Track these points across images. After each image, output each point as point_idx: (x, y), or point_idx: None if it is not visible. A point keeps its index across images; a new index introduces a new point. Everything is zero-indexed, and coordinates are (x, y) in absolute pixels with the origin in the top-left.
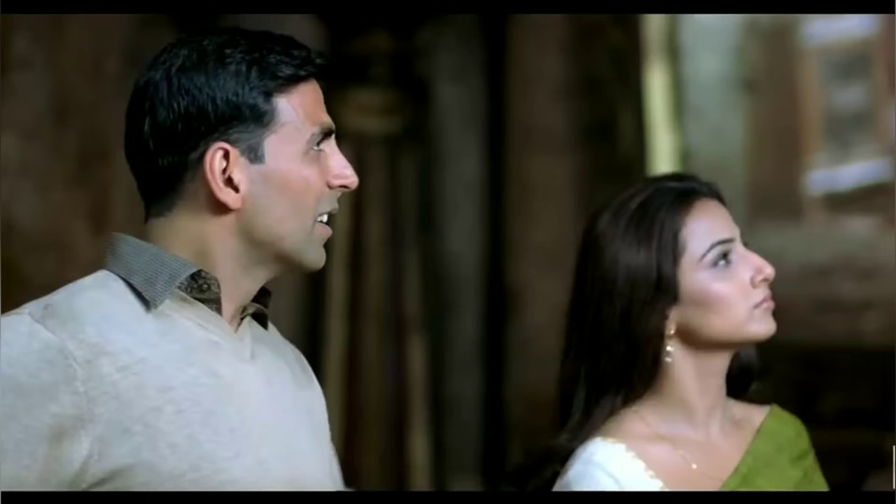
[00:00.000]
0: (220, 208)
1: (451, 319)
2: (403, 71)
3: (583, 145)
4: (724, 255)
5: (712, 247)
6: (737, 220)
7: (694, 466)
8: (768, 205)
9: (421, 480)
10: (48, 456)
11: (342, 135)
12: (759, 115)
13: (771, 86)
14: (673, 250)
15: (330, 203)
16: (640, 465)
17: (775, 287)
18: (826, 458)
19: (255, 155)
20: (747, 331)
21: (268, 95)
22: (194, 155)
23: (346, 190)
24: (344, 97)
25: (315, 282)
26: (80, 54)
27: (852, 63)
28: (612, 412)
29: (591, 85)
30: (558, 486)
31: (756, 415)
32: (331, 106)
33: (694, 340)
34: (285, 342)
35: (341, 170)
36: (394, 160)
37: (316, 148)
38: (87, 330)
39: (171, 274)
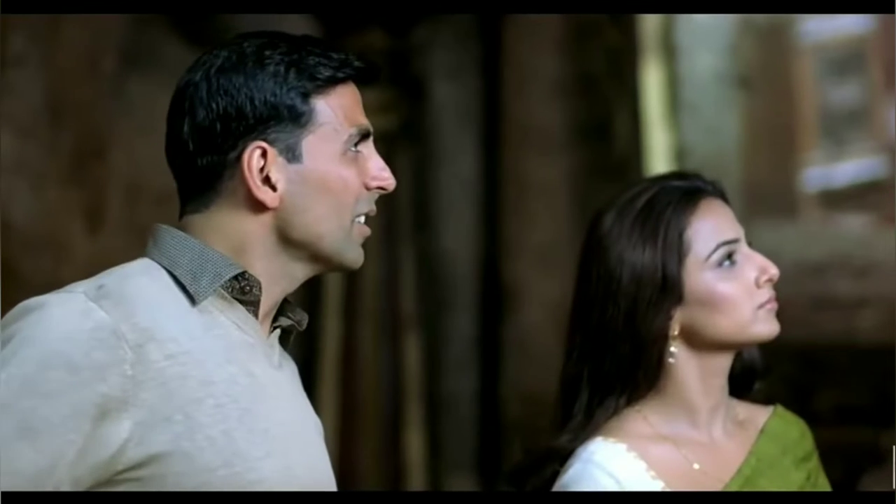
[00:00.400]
0: (258, 207)
1: (447, 317)
2: (399, 69)
3: (578, 143)
4: (730, 256)
5: (718, 247)
6: None
7: (696, 467)
8: (764, 202)
9: (416, 478)
10: (90, 434)
11: None
12: (754, 113)
13: (766, 83)
14: (678, 250)
15: (368, 204)
16: (642, 465)
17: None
18: (822, 455)
19: (292, 154)
20: (752, 331)
21: (306, 96)
22: (233, 154)
23: (383, 192)
24: None
25: (310, 280)
26: (76, 53)
27: (847, 60)
28: (616, 413)
29: (586, 83)
30: (558, 486)
31: (760, 415)
32: None
33: (698, 341)
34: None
35: (379, 171)
36: (389, 158)
37: (354, 149)
38: (140, 314)
39: (216, 271)
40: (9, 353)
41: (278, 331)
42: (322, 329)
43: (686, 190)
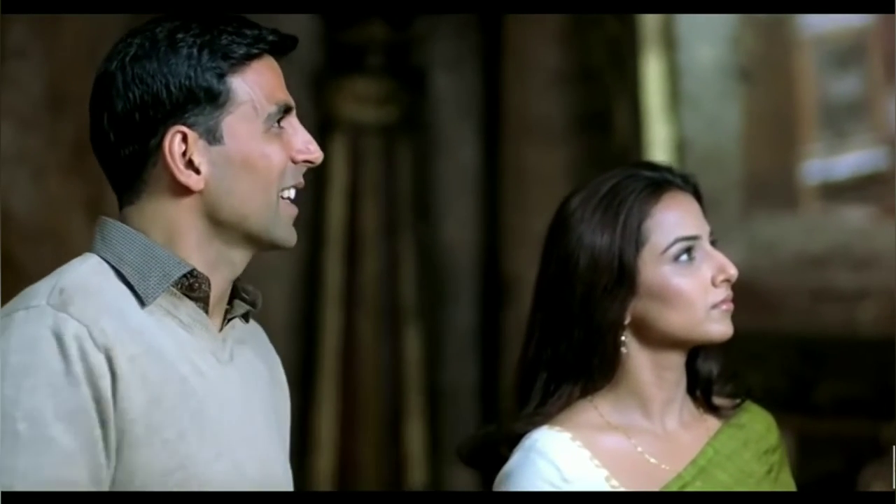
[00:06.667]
0: (184, 191)
1: (447, 309)
2: (399, 60)
3: (578, 134)
4: (688, 251)
5: (675, 241)
6: (732, 210)
7: (648, 457)
8: (764, 194)
9: (416, 470)
10: (105, 443)
11: (338, 124)
12: (754, 105)
13: (767, 75)
14: (636, 239)
15: (294, 177)
16: (586, 454)
17: (772, 276)
18: (822, 447)
19: (213, 136)
20: (703, 330)
21: (221, 76)
22: (154, 141)
23: (310, 165)
24: (340, 87)
25: (310, 271)
26: (76, 44)
27: (848, 52)
28: (569, 402)
29: (586, 74)
30: (501, 474)
31: (724, 409)
32: (327, 96)
33: (648, 334)
34: (265, 340)
35: (305, 145)
36: (390, 150)
37: (276, 126)
38: (103, 318)
39: (164, 271)
40: (11, 390)
41: (234, 320)
42: (322, 321)
43: (652, 180)
